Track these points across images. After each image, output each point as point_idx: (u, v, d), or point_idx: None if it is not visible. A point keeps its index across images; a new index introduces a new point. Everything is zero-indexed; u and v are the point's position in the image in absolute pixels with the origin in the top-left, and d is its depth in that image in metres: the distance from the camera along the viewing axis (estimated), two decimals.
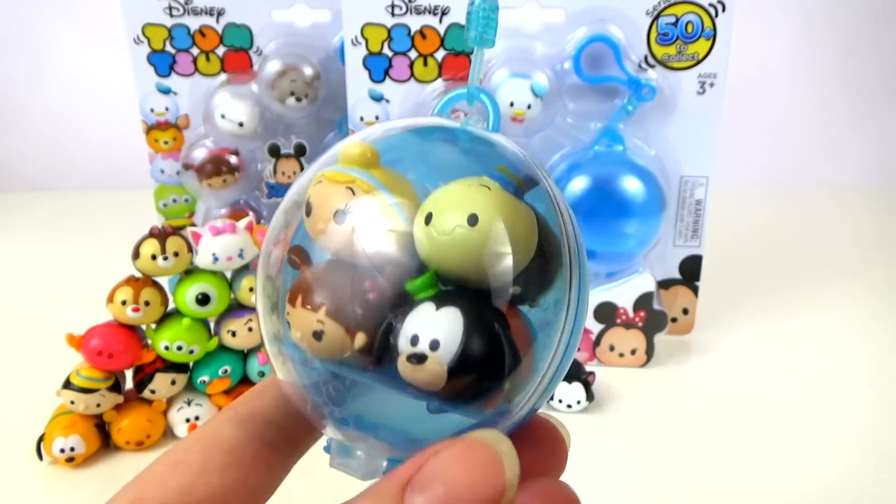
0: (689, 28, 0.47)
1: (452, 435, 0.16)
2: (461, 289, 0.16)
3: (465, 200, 0.16)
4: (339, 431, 0.18)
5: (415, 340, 0.15)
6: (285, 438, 0.19)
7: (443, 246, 0.16)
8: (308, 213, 0.17)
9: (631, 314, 0.50)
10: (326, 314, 0.16)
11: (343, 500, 0.16)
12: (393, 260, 0.16)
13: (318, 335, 0.16)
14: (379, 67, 0.51)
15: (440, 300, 0.16)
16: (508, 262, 0.16)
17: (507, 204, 0.16)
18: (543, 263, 0.17)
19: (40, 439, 0.41)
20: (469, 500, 0.14)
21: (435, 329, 0.15)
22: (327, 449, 0.18)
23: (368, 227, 0.16)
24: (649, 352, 0.51)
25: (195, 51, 0.55)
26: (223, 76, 0.56)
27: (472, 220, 0.16)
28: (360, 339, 0.16)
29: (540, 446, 0.19)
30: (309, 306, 0.16)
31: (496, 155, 0.19)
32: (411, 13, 0.49)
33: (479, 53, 0.19)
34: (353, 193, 0.17)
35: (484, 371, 0.16)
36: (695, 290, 0.54)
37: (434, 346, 0.15)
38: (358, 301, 0.16)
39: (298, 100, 0.55)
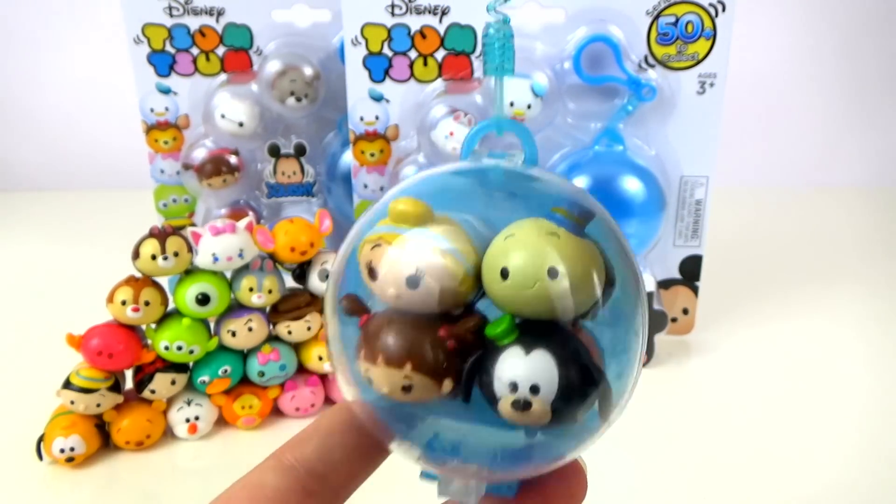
0: (689, 28, 0.47)
1: (545, 457, 0.18)
2: (535, 324, 0.17)
3: (539, 253, 0.17)
4: (434, 463, 0.19)
5: (514, 387, 0.17)
6: (327, 488, 0.20)
7: (524, 299, 0.17)
8: (374, 278, 0.18)
9: None
10: (413, 370, 0.17)
11: None
12: (462, 308, 0.18)
13: (407, 389, 0.17)
14: (379, 67, 0.51)
15: (526, 344, 0.17)
16: (584, 299, 0.17)
17: (578, 248, 0.17)
18: (609, 289, 0.18)
19: (40, 439, 0.41)
20: None
21: (532, 374, 0.17)
22: (424, 475, 0.20)
23: (437, 281, 0.17)
24: (649, 352, 0.51)
25: (195, 51, 0.55)
26: (223, 76, 0.56)
27: (553, 273, 0.17)
28: (448, 385, 0.17)
29: (566, 478, 0.20)
30: (394, 365, 0.17)
31: (546, 193, 0.19)
32: (411, 13, 0.49)
33: (500, 83, 0.20)
34: (422, 257, 0.17)
35: (581, 400, 0.17)
36: (695, 290, 0.54)
37: (535, 390, 0.17)
38: (441, 351, 0.17)
39: (298, 100, 0.55)
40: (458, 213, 0.18)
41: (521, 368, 0.17)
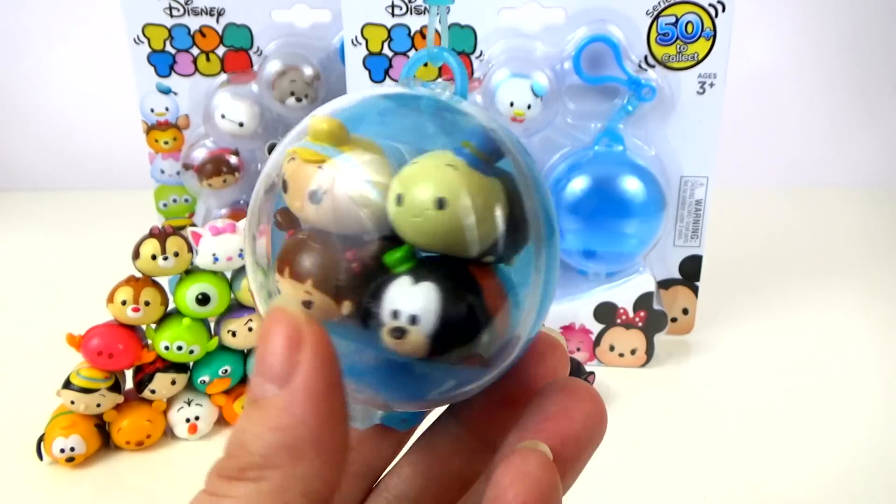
0: (689, 28, 0.47)
1: (431, 391, 0.18)
2: (436, 258, 0.17)
3: (432, 182, 0.17)
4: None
5: (395, 315, 0.17)
6: None
7: (415, 226, 0.17)
8: (286, 190, 0.18)
9: (631, 314, 0.50)
10: (314, 286, 0.17)
11: None
12: (371, 232, 0.17)
13: (307, 304, 0.17)
14: (379, 67, 0.51)
15: (417, 274, 0.17)
16: (476, 236, 0.17)
17: (473, 183, 0.17)
18: (514, 228, 0.18)
19: (40, 439, 0.41)
20: (279, 350, 0.16)
21: (413, 304, 0.17)
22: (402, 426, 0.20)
23: (345, 201, 0.17)
24: (649, 352, 0.51)
25: (195, 51, 0.55)
26: (223, 76, 0.56)
27: (440, 203, 0.17)
28: (347, 307, 0.17)
29: (543, 356, 0.20)
30: (296, 278, 0.17)
31: (462, 126, 0.19)
32: (411, 13, 0.49)
33: (436, 10, 0.20)
34: (325, 171, 0.17)
35: (460, 337, 0.17)
36: (695, 290, 0.54)
37: (413, 320, 0.17)
38: (342, 272, 0.17)
39: (298, 100, 0.55)
40: (380, 138, 0.18)
41: (404, 297, 0.17)
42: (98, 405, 0.41)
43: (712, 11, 0.47)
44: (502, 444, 0.19)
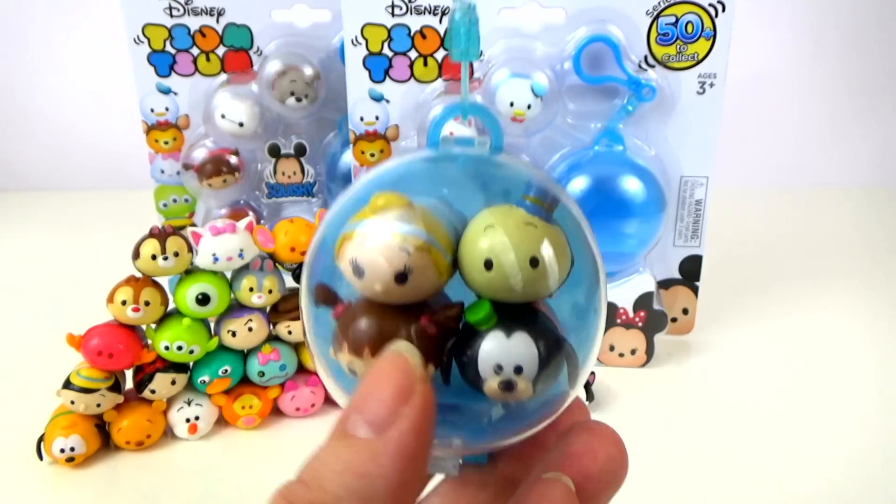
0: (689, 28, 0.47)
1: (518, 422, 0.20)
2: (510, 306, 0.18)
3: (522, 244, 0.18)
4: None
5: (498, 369, 0.18)
6: None
7: (508, 287, 0.18)
8: (360, 275, 0.18)
9: (631, 314, 0.50)
10: None
11: None
12: (440, 295, 0.19)
13: None
14: (379, 67, 0.51)
15: (506, 327, 0.18)
16: (556, 282, 0.18)
17: (553, 236, 0.18)
18: (571, 267, 0.19)
19: (40, 439, 0.41)
20: (387, 397, 0.16)
21: (516, 357, 0.18)
22: None
23: (430, 274, 0.18)
24: (649, 352, 0.51)
25: (195, 51, 0.55)
26: (223, 76, 0.56)
27: (534, 263, 0.18)
28: (431, 370, 0.18)
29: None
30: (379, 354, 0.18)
31: (513, 179, 0.20)
32: (411, 13, 0.49)
33: (466, 67, 0.20)
34: (409, 254, 0.17)
35: (555, 373, 0.19)
36: (695, 290, 0.54)
37: (518, 371, 0.18)
38: (425, 339, 0.18)
39: (298, 100, 0.55)
40: (430, 200, 0.19)
41: (504, 352, 0.18)
42: (98, 405, 0.41)
43: (712, 11, 0.47)
44: (527, 479, 0.19)
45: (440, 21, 0.49)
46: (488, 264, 0.18)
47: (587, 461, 0.19)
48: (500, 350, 0.18)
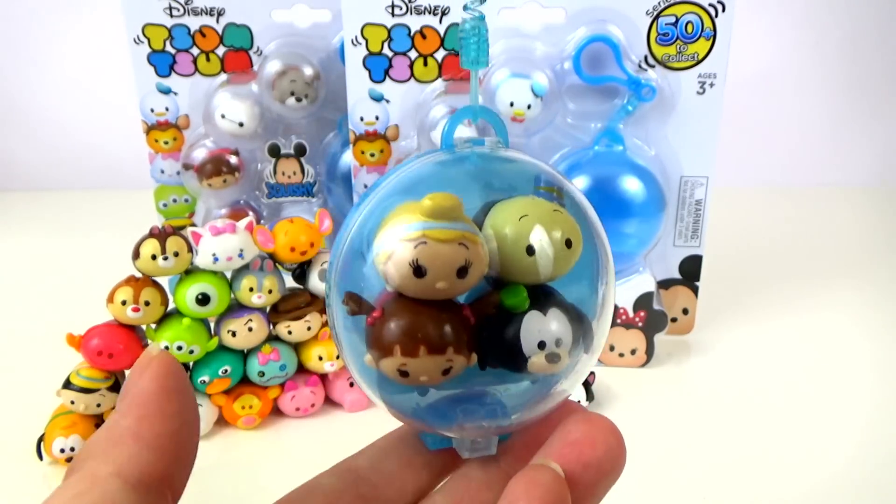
0: (689, 28, 0.47)
1: (537, 391, 0.21)
2: (534, 288, 0.20)
3: (557, 228, 0.19)
4: (452, 430, 0.21)
5: (542, 345, 0.19)
6: (380, 496, 0.22)
7: (545, 268, 0.19)
8: (421, 275, 0.18)
9: (631, 314, 0.50)
10: (455, 352, 0.19)
11: None
12: (478, 286, 0.19)
13: (446, 371, 0.19)
14: (379, 67, 0.51)
15: (539, 307, 0.20)
16: (576, 260, 0.20)
17: (573, 220, 0.20)
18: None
19: (40, 439, 0.41)
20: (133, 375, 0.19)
21: (555, 331, 0.20)
22: (434, 444, 0.22)
23: (479, 264, 0.19)
24: (649, 352, 0.51)
25: (195, 51, 0.55)
26: (223, 76, 0.56)
27: (569, 244, 0.20)
28: (474, 358, 0.19)
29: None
30: (435, 352, 0.19)
31: (528, 173, 0.22)
32: (411, 13, 0.49)
33: (475, 74, 0.22)
34: (467, 248, 0.18)
35: (584, 343, 0.21)
36: (695, 290, 0.54)
37: (559, 343, 0.20)
38: (466, 329, 0.19)
39: (298, 100, 0.55)
40: (466, 200, 0.20)
41: (546, 328, 0.19)
42: (98, 405, 0.40)
43: (712, 11, 0.47)
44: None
45: (440, 21, 0.49)
46: (530, 250, 0.19)
47: (586, 449, 0.19)
48: (541, 327, 0.19)
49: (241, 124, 0.55)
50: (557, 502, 0.17)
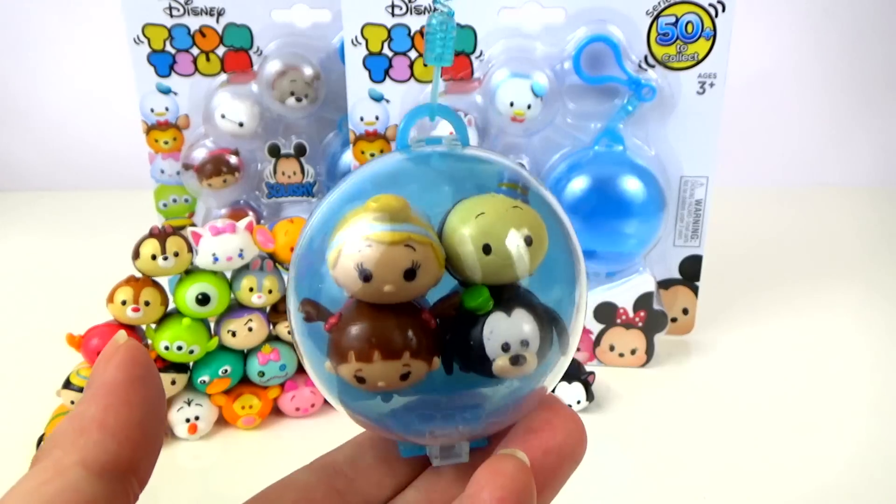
0: (689, 28, 0.47)
1: (510, 395, 0.20)
2: (500, 288, 0.19)
3: (515, 226, 0.19)
4: (420, 437, 0.20)
5: (506, 347, 0.18)
6: (355, 491, 0.22)
7: (504, 267, 0.19)
8: (368, 279, 0.18)
9: (631, 314, 0.50)
10: (411, 357, 0.18)
11: None
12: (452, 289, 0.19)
13: (405, 377, 0.18)
14: (379, 67, 0.51)
15: (504, 307, 0.19)
16: (542, 256, 0.19)
17: (535, 216, 0.19)
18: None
19: (40, 439, 0.41)
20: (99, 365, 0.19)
21: (521, 333, 0.19)
22: (407, 452, 0.22)
23: (434, 268, 0.18)
24: (649, 352, 0.51)
25: (195, 51, 0.55)
26: (223, 76, 0.56)
27: (528, 241, 0.19)
28: (436, 362, 0.19)
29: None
30: (391, 357, 0.18)
31: (489, 170, 0.21)
32: (411, 13, 0.49)
33: (438, 71, 0.21)
34: (414, 250, 0.18)
35: (552, 343, 0.20)
36: (695, 290, 0.54)
37: (525, 345, 0.19)
38: (430, 333, 0.19)
39: (298, 100, 0.55)
40: (420, 200, 0.19)
41: (509, 330, 0.19)
42: None
43: (712, 11, 0.47)
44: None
45: None
46: (486, 249, 0.18)
47: (547, 435, 0.20)
48: (504, 329, 0.18)
49: (241, 124, 0.55)
50: (521, 490, 0.17)
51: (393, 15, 0.49)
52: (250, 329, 0.43)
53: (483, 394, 0.20)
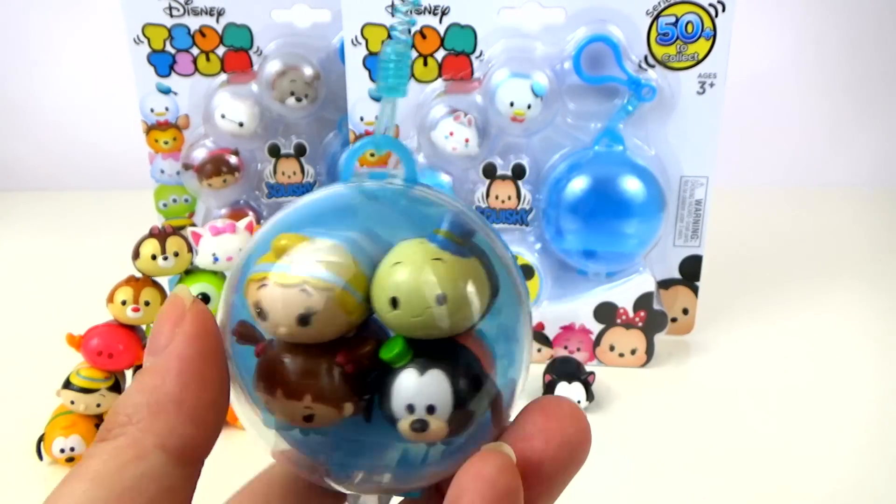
0: (689, 28, 0.47)
1: (445, 463, 0.18)
2: (428, 342, 0.17)
3: (427, 281, 0.17)
4: (341, 482, 0.19)
5: (411, 409, 0.17)
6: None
7: (414, 324, 0.17)
8: (264, 318, 0.17)
9: (631, 314, 0.50)
10: (313, 401, 0.17)
11: None
12: (356, 333, 0.18)
13: (308, 419, 0.17)
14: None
15: (420, 364, 0.17)
16: (471, 316, 0.17)
17: (463, 270, 0.17)
18: (494, 295, 0.18)
19: (40, 439, 0.41)
20: (164, 328, 0.18)
21: (427, 396, 0.17)
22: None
23: (335, 314, 0.17)
24: (649, 352, 0.51)
25: (195, 51, 0.55)
26: (223, 76, 0.56)
27: (440, 300, 0.17)
28: (349, 409, 0.17)
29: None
30: (293, 396, 0.17)
31: (427, 213, 0.19)
32: (411, 13, 0.49)
33: (391, 103, 0.20)
34: (310, 295, 0.17)
35: (473, 411, 0.17)
36: (695, 290, 0.54)
37: (431, 410, 0.17)
38: (339, 378, 0.17)
39: (298, 100, 0.55)
40: (343, 235, 0.18)
41: (416, 390, 0.17)
42: (98, 405, 0.41)
43: (712, 11, 0.47)
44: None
45: (440, 21, 0.49)
46: (394, 302, 0.17)
47: (537, 444, 0.18)
48: (411, 389, 0.17)
49: (241, 124, 0.55)
50: (506, 496, 0.16)
51: (393, 15, 0.49)
52: None
53: (410, 446, 0.18)
